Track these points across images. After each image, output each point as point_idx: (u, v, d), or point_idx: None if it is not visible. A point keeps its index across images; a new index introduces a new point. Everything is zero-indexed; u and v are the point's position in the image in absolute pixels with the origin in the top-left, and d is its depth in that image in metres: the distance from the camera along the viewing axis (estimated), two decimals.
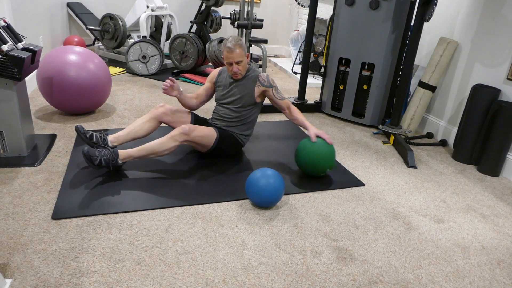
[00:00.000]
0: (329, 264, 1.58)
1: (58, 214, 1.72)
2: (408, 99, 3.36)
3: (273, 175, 1.88)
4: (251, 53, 5.20)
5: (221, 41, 4.07)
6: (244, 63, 2.25)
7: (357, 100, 3.29)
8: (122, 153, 2.09)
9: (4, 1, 2.80)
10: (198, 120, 2.43)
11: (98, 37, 4.83)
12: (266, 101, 3.79)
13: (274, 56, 6.17)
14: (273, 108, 3.44)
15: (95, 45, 5.01)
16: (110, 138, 2.23)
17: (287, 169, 2.36)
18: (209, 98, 2.49)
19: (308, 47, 3.36)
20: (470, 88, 2.86)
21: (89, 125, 2.76)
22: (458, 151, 2.75)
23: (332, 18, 3.41)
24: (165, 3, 5.37)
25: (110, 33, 4.46)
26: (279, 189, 1.87)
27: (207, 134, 2.21)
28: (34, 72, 3.47)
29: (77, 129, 2.18)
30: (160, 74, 4.34)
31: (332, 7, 4.95)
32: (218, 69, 2.45)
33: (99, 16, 5.32)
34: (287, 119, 3.29)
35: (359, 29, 3.06)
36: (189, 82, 4.18)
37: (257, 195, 1.86)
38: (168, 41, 4.86)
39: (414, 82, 3.36)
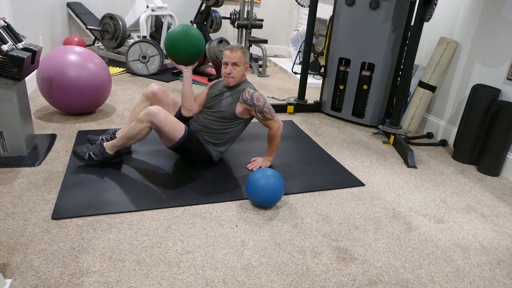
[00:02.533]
0: (329, 264, 1.58)
1: (58, 214, 1.72)
2: (408, 99, 3.36)
3: (273, 175, 1.88)
4: (251, 53, 5.20)
5: (221, 41, 4.07)
6: (240, 70, 2.13)
7: (357, 100, 3.29)
8: (108, 144, 2.15)
9: (4, 1, 2.80)
10: (180, 117, 2.34)
11: (98, 37, 4.83)
12: None
13: (274, 56, 6.17)
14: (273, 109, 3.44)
15: (95, 45, 5.02)
16: (118, 135, 2.32)
17: (287, 169, 2.36)
18: (203, 106, 2.34)
19: (308, 47, 3.36)
20: (470, 88, 2.86)
21: (89, 125, 2.76)
22: (458, 151, 2.75)
23: (332, 18, 3.41)
24: (165, 3, 5.37)
25: (110, 33, 4.46)
26: (279, 189, 1.87)
27: (174, 127, 2.05)
28: (34, 72, 3.47)
29: (87, 139, 2.36)
30: (160, 74, 4.34)
31: (332, 7, 4.95)
32: (217, 80, 2.38)
33: (99, 16, 5.32)
34: (287, 119, 3.30)
35: (359, 29, 3.06)
36: None
37: (257, 195, 1.86)
38: None
39: (414, 82, 3.36)
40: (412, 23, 2.86)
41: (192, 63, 2.25)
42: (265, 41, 4.69)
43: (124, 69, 4.38)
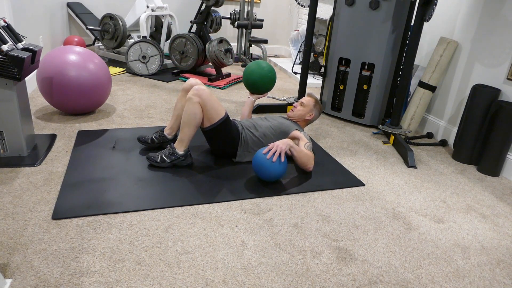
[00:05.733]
0: (329, 264, 1.58)
1: (58, 214, 1.72)
2: (408, 99, 3.36)
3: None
4: (251, 53, 5.19)
5: (221, 41, 4.07)
6: (302, 110, 2.48)
7: (357, 100, 3.29)
8: (176, 144, 2.21)
9: (4, 1, 2.80)
10: None
11: (98, 37, 4.83)
12: (266, 101, 3.79)
13: (274, 56, 6.17)
14: (273, 109, 3.45)
15: (95, 45, 5.02)
16: (166, 132, 2.43)
17: (287, 169, 2.36)
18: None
19: (308, 47, 3.36)
20: (470, 88, 2.86)
21: (89, 125, 2.76)
22: (458, 151, 2.75)
23: (332, 18, 3.41)
24: (165, 3, 5.37)
25: (110, 33, 4.46)
26: (283, 163, 2.07)
27: (217, 106, 2.16)
28: (34, 72, 3.47)
29: (138, 139, 2.45)
30: (160, 74, 4.34)
31: (332, 7, 4.95)
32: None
33: (99, 16, 5.32)
34: None
35: (359, 29, 3.06)
36: None
37: (264, 171, 2.04)
38: (168, 41, 4.87)
39: (414, 82, 3.36)
40: (412, 23, 2.86)
41: (258, 93, 2.74)
42: (265, 41, 4.69)
43: (124, 69, 4.38)
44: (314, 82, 4.61)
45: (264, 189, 2.09)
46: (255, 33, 6.16)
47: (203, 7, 4.77)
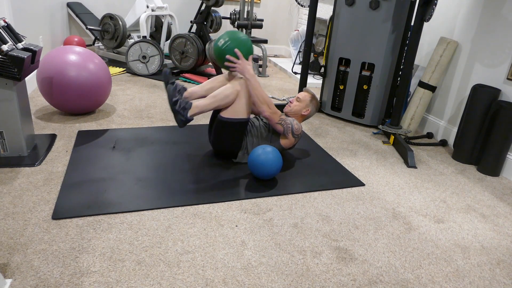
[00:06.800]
0: (329, 264, 1.58)
1: (58, 214, 1.72)
2: (408, 99, 3.36)
3: (272, 151, 2.11)
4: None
5: None
6: (298, 105, 2.45)
7: (357, 100, 3.29)
8: (193, 105, 2.15)
9: (4, 1, 2.80)
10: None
11: (98, 37, 4.83)
12: None
13: (274, 56, 6.17)
14: None
15: (95, 45, 5.02)
16: (185, 94, 2.26)
17: (287, 169, 2.36)
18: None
19: (308, 47, 3.36)
20: (470, 88, 2.86)
21: (89, 125, 2.76)
22: (458, 151, 2.75)
23: (332, 18, 3.41)
24: (165, 3, 5.37)
25: (110, 33, 4.46)
26: (278, 160, 2.11)
27: (247, 106, 2.22)
28: (34, 72, 3.47)
29: (164, 73, 2.19)
30: (160, 74, 4.34)
31: (332, 7, 4.95)
32: None
33: (99, 16, 5.32)
34: None
35: (359, 29, 3.06)
36: (189, 82, 4.18)
37: (259, 169, 2.08)
38: (168, 41, 4.87)
39: (414, 82, 3.36)
40: (412, 23, 2.86)
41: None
42: (265, 41, 4.69)
43: (124, 69, 4.38)
44: (314, 82, 4.61)
45: (264, 189, 2.09)
46: (255, 33, 6.16)
47: (203, 7, 4.77)
